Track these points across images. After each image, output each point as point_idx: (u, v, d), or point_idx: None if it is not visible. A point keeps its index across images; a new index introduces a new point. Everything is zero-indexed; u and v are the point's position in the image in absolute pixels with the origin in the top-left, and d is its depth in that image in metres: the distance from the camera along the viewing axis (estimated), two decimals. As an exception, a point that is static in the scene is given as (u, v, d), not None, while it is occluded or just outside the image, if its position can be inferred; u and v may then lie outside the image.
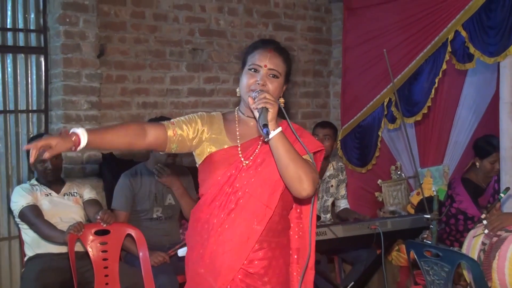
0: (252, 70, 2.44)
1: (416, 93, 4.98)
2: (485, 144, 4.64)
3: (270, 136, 2.28)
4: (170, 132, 2.43)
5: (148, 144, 2.42)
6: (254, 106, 2.31)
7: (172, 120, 2.50)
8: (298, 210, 2.61)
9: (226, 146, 2.47)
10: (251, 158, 2.46)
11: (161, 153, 2.55)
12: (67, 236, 3.79)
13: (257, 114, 2.33)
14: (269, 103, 2.28)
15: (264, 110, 2.27)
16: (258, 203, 2.42)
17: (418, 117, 5.03)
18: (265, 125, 2.25)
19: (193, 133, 2.48)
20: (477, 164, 4.65)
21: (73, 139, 2.18)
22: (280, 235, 2.52)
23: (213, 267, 2.42)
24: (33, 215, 4.03)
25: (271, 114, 2.28)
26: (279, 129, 2.29)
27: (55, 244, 4.05)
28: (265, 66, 2.43)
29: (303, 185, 2.33)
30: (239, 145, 2.49)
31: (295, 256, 2.60)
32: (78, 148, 2.20)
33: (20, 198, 4.11)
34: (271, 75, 2.44)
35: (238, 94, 2.53)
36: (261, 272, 2.45)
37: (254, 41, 2.60)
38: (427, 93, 4.90)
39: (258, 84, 2.41)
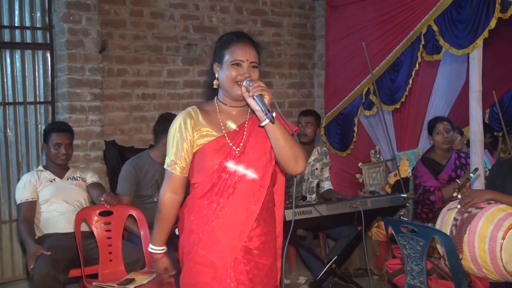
0: (235, 64, 2.40)
1: (396, 83, 4.96)
2: (430, 121, 4.78)
3: (266, 121, 2.31)
4: (181, 172, 2.47)
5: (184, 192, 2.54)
6: (251, 94, 2.30)
7: (172, 159, 2.45)
8: (273, 186, 2.61)
9: (212, 138, 2.43)
10: (241, 144, 2.43)
11: None
12: (36, 251, 3.69)
13: (250, 102, 2.32)
14: (265, 90, 2.30)
15: (261, 97, 2.28)
16: (253, 185, 2.41)
17: (397, 105, 5.01)
18: (268, 110, 2.27)
19: (189, 148, 2.45)
20: (431, 141, 4.74)
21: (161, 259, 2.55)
22: (271, 212, 2.54)
23: (216, 248, 2.39)
24: (22, 215, 3.97)
25: (267, 100, 2.30)
26: (274, 113, 2.31)
27: (62, 225, 4.05)
28: (247, 60, 2.40)
29: (298, 163, 2.40)
30: (225, 134, 2.44)
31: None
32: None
33: (21, 191, 4.06)
34: (252, 67, 2.42)
35: (215, 86, 2.50)
36: (260, 247, 2.46)
37: (226, 35, 2.53)
38: (405, 84, 4.89)
39: (244, 76, 2.38)
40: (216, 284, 2.40)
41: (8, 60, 4.82)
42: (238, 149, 2.42)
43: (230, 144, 2.42)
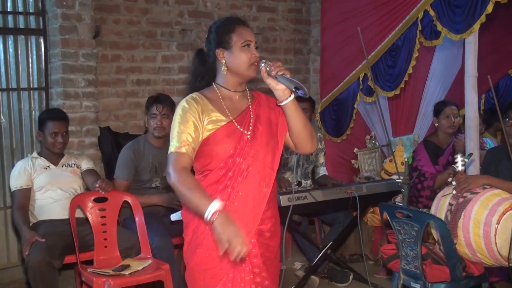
0: (246, 46, 2.43)
1: (395, 69, 4.94)
2: (437, 104, 4.81)
3: (290, 99, 2.38)
4: (192, 153, 2.36)
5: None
6: (274, 74, 2.35)
7: (183, 140, 2.33)
8: None
9: (223, 123, 2.42)
10: (250, 128, 2.45)
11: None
12: (31, 237, 3.68)
13: (270, 82, 2.37)
14: (286, 70, 2.37)
15: (284, 76, 2.35)
16: (265, 168, 2.45)
17: (397, 91, 4.99)
18: (300, 85, 2.32)
19: (198, 129, 2.37)
20: (436, 124, 4.74)
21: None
22: (276, 194, 2.60)
23: None
24: (17, 203, 3.97)
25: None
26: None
27: (57, 211, 4.05)
28: (253, 40, 2.46)
29: (313, 142, 2.52)
30: (233, 119, 2.44)
31: None
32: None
33: (16, 178, 4.06)
34: (256, 47, 2.48)
35: (225, 73, 2.47)
36: (271, 229, 2.50)
37: (223, 21, 2.53)
38: (405, 70, 4.87)
39: (255, 57, 2.44)
40: (232, 268, 2.41)
41: (1, 46, 4.76)
42: (249, 133, 2.44)
43: (241, 129, 2.44)
